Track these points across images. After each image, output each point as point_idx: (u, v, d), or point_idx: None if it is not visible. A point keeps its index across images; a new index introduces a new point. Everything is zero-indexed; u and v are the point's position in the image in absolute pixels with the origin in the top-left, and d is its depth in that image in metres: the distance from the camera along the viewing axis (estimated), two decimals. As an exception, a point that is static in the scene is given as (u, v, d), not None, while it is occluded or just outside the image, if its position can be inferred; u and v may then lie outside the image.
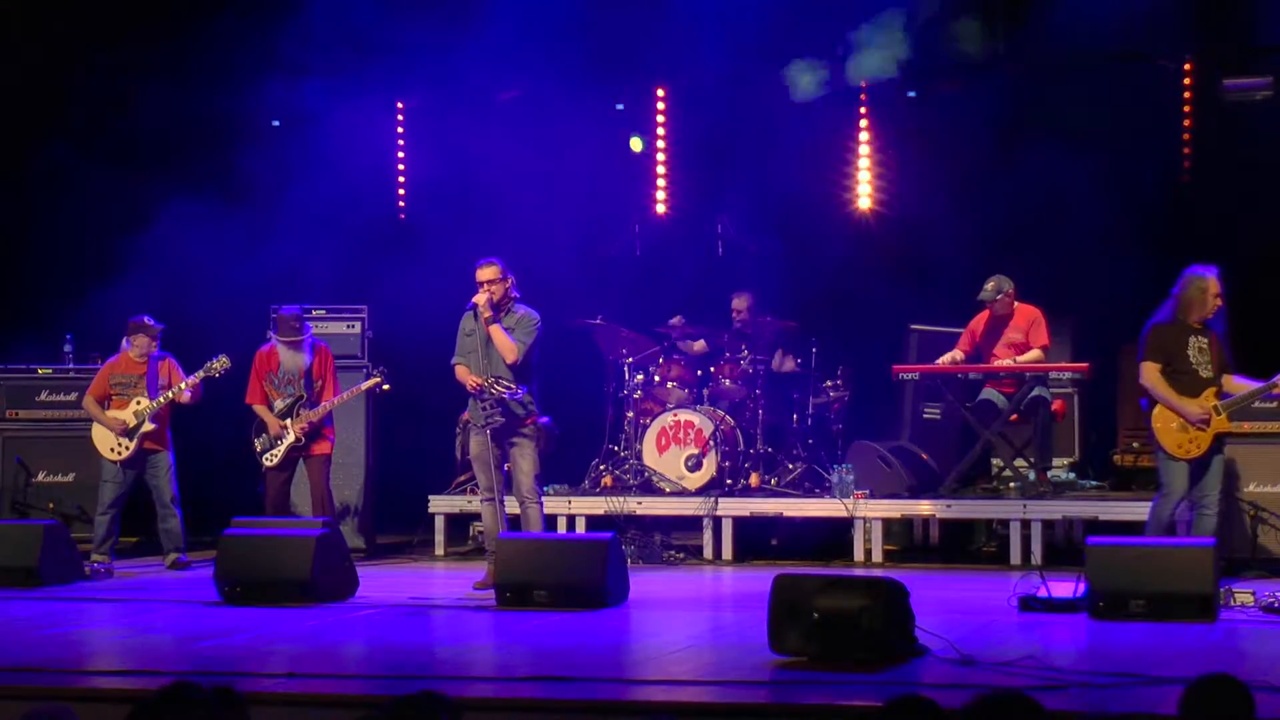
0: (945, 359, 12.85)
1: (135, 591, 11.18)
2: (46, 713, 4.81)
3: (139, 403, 12.34)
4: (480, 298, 10.99)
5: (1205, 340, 10.34)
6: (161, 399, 12.30)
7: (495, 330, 10.95)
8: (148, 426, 12.30)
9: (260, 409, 12.33)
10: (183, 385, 12.31)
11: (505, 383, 10.85)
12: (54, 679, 7.74)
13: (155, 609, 10.40)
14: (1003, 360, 12.71)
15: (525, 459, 11.00)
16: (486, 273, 11.06)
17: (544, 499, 11.20)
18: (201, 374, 12.32)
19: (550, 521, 12.05)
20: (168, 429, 12.49)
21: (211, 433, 13.16)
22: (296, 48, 13.89)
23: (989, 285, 12.73)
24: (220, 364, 12.30)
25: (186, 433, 12.80)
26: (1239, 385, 10.35)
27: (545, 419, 11.18)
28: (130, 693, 7.13)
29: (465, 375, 11.08)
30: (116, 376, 12.48)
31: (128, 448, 12.34)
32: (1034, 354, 12.68)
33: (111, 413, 12.39)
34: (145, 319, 12.46)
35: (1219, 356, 10.35)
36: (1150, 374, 10.40)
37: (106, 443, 12.40)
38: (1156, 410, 10.40)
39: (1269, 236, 13.67)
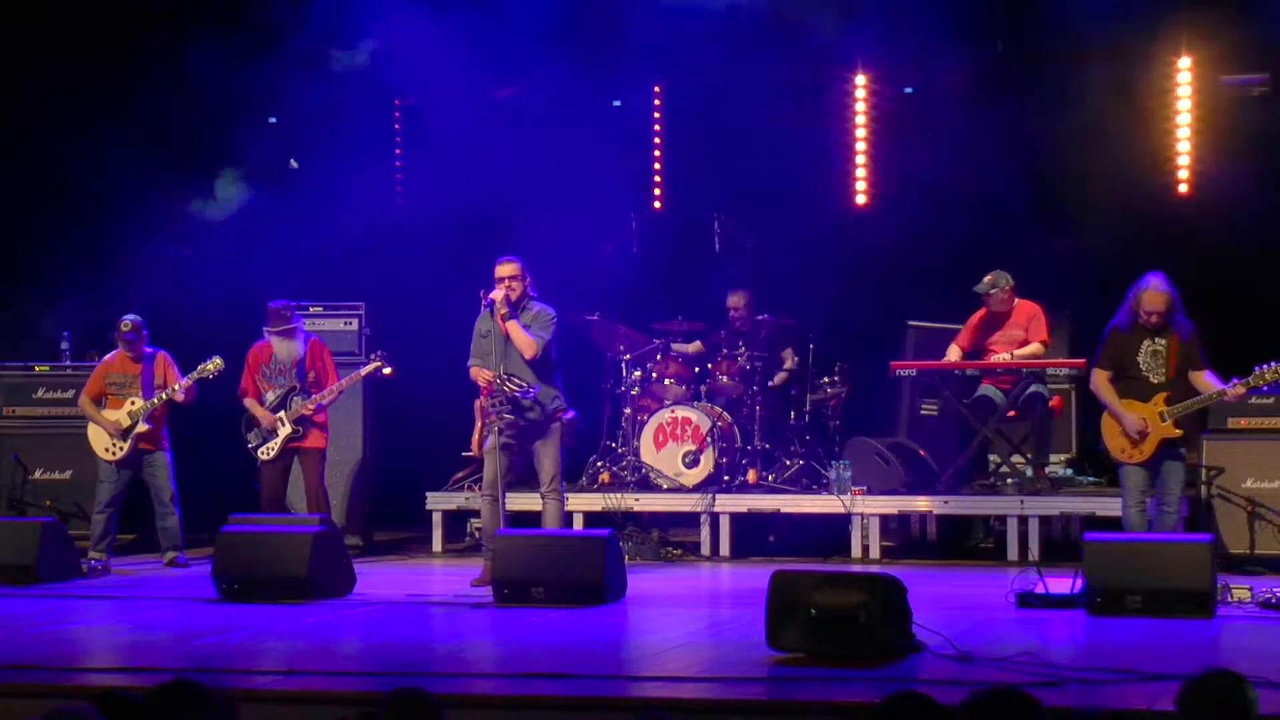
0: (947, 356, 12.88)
1: (132, 589, 11.18)
2: (66, 711, 4.80)
3: (133, 403, 12.31)
4: (498, 294, 10.96)
5: (1164, 342, 10.28)
6: (156, 399, 12.28)
7: (513, 327, 10.93)
8: (142, 427, 12.28)
9: (250, 403, 12.33)
10: (176, 387, 12.28)
11: (518, 380, 10.83)
12: (51, 676, 7.74)
13: (152, 606, 10.39)
14: (1001, 356, 12.71)
15: (547, 456, 11.01)
16: (506, 269, 11.04)
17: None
18: (195, 375, 12.30)
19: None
20: (164, 428, 12.47)
21: (206, 430, 13.15)
22: (294, 44, 13.88)
23: (986, 279, 12.74)
24: (213, 365, 12.27)
25: (181, 430, 12.78)
26: (1207, 384, 10.34)
27: (571, 413, 11.16)
28: (129, 690, 7.11)
29: (478, 374, 11.07)
30: (112, 376, 12.47)
31: (122, 448, 12.32)
32: (1033, 348, 12.68)
33: (106, 413, 12.37)
34: (126, 318, 12.40)
35: (1181, 358, 10.28)
36: (1096, 380, 10.54)
37: (101, 442, 12.38)
38: (1105, 415, 10.50)
39: (1267, 232, 13.66)
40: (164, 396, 12.28)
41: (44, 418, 13.67)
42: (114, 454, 12.34)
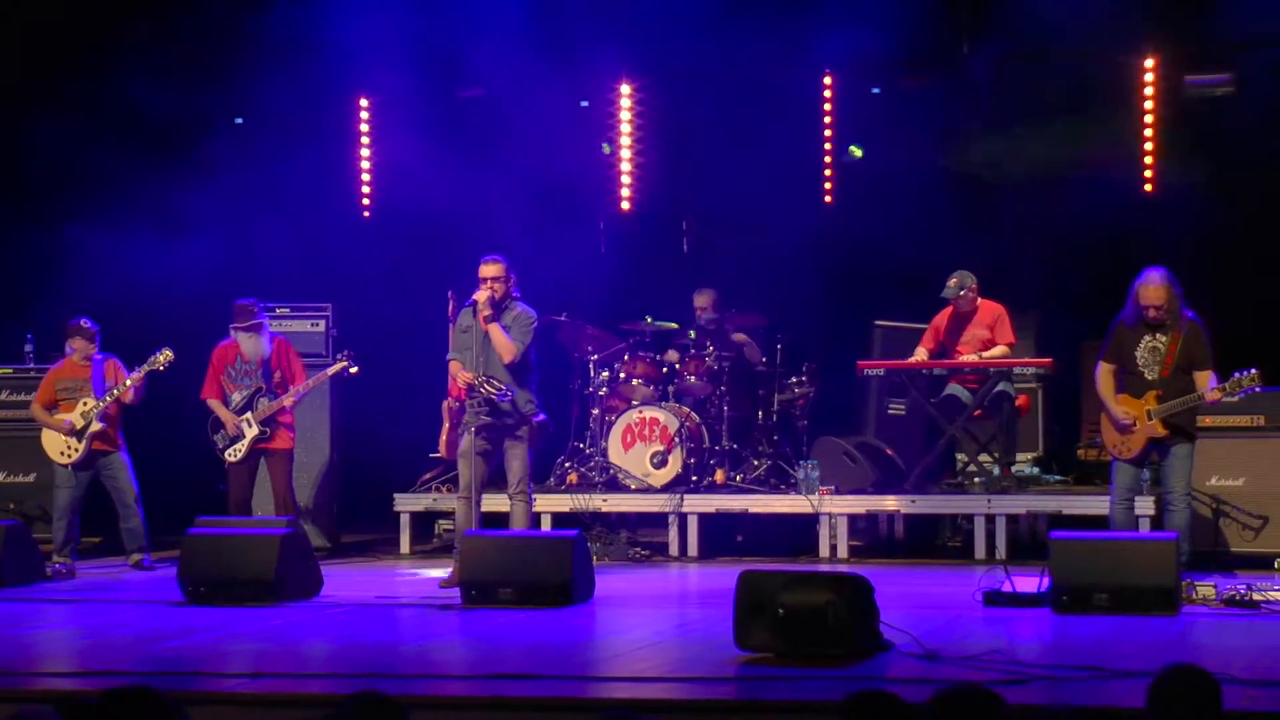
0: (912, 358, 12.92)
1: (97, 592, 11.12)
2: (30, 715, 4.78)
3: (85, 404, 12.20)
4: (481, 295, 10.91)
5: (1164, 339, 10.25)
6: (108, 397, 12.18)
7: (494, 329, 10.88)
8: (96, 426, 12.17)
9: (215, 404, 12.25)
10: (128, 382, 12.20)
11: (496, 383, 10.79)
12: (14, 681, 7.69)
13: (118, 609, 10.34)
14: (969, 357, 12.75)
15: (517, 459, 10.98)
16: (490, 269, 10.98)
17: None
18: (146, 368, 12.19)
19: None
20: (119, 429, 12.35)
21: (170, 431, 13.09)
22: (260, 44, 13.84)
23: (951, 282, 12.77)
24: (164, 357, 12.18)
25: (144, 431, 12.72)
26: (1203, 385, 10.30)
27: (541, 416, 11.14)
28: (92, 694, 7.08)
29: (458, 371, 11.02)
30: (62, 381, 12.36)
31: (77, 449, 12.22)
32: (1000, 350, 12.72)
33: (59, 416, 12.28)
34: (82, 321, 12.33)
35: (1181, 356, 10.24)
36: (1098, 373, 10.54)
37: (56, 446, 12.27)
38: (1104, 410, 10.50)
39: (1231, 231, 13.73)
40: (116, 393, 12.19)
41: (7, 420, 13.57)
42: (70, 457, 12.24)
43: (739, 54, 14.15)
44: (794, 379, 13.58)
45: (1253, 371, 10.18)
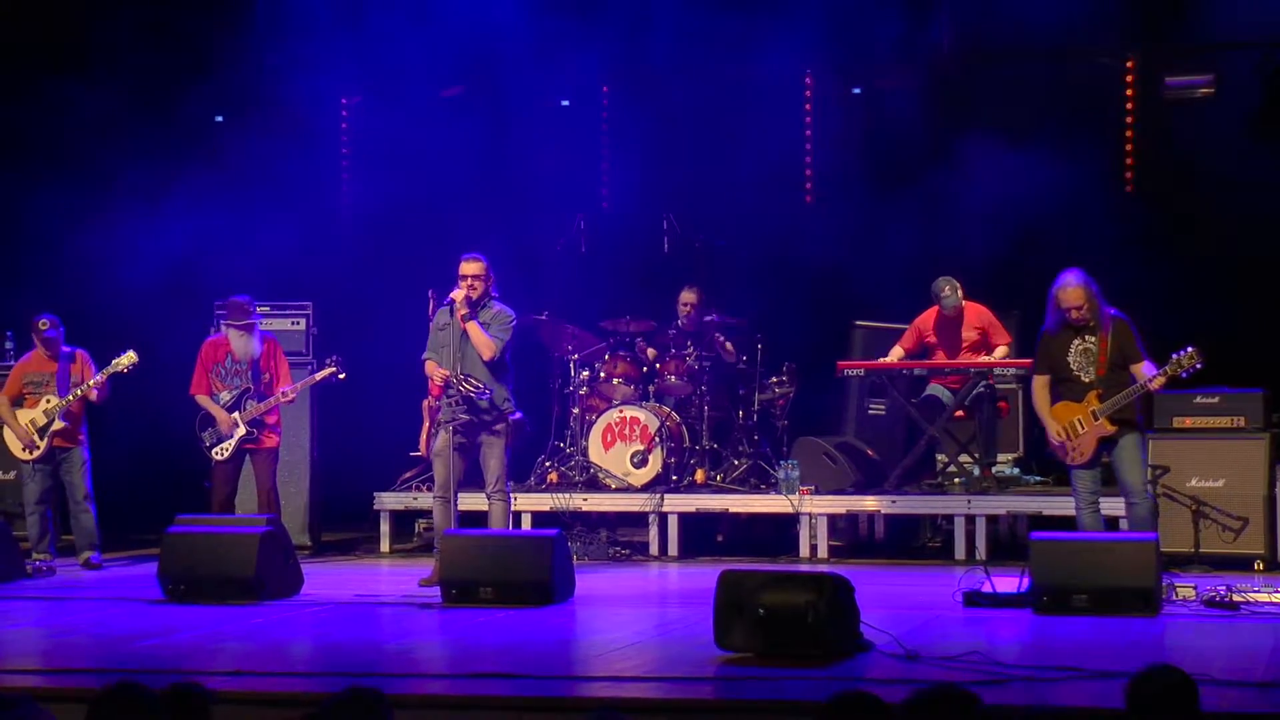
0: (889, 357, 12.96)
1: (77, 589, 11.10)
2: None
3: (49, 401, 12.14)
4: (459, 293, 10.91)
5: (1093, 339, 10.18)
6: (70, 397, 12.13)
7: (473, 327, 10.88)
8: (58, 425, 12.11)
9: (204, 400, 12.19)
10: (90, 384, 12.14)
11: (474, 381, 10.80)
12: (-6, 679, 7.68)
13: (98, 607, 10.31)
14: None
15: (494, 458, 10.98)
16: (470, 268, 10.98)
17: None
18: (108, 370, 12.13)
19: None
20: (82, 426, 12.27)
21: (153, 427, 13.06)
22: (240, 43, 13.82)
23: (945, 290, 12.76)
24: (127, 359, 12.10)
25: (127, 428, 12.68)
26: (1143, 376, 10.24)
27: (518, 415, 11.14)
28: (73, 692, 7.08)
29: (434, 370, 11.03)
30: (29, 375, 12.30)
31: (39, 446, 12.18)
32: (1002, 350, 12.78)
33: (22, 412, 12.23)
34: (43, 318, 12.28)
35: (1113, 353, 10.19)
36: (1034, 387, 10.49)
37: (19, 443, 12.24)
38: None
39: (1208, 233, 13.77)
40: (78, 394, 12.14)
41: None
42: (32, 453, 12.21)
43: (719, 53, 14.17)
44: (774, 379, 13.59)
45: (1190, 350, 10.12)
